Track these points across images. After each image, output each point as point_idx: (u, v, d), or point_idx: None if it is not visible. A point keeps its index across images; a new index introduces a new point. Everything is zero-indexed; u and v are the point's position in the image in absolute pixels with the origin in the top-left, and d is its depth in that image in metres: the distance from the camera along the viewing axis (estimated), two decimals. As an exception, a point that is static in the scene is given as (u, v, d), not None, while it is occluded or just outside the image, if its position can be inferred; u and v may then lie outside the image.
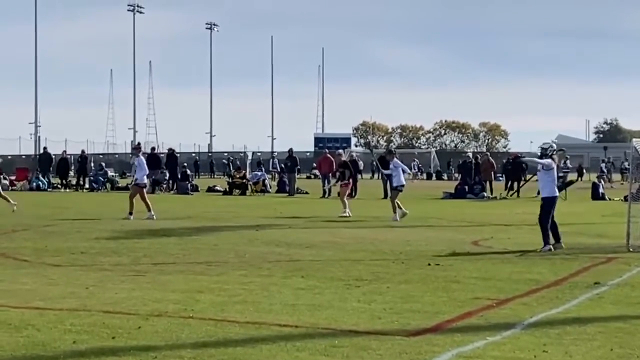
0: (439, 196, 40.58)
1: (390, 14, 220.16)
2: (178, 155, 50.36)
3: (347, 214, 26.32)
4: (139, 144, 29.20)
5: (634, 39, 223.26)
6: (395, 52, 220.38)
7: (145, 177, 26.28)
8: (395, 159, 26.57)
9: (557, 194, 17.96)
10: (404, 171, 26.49)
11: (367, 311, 10.22)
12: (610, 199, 38.75)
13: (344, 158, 31.49)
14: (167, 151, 50.07)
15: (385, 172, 26.42)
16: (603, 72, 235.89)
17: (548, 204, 17.53)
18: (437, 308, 10.46)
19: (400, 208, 25.26)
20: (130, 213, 24.78)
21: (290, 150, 45.58)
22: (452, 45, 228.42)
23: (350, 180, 29.19)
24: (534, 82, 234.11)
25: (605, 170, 65.42)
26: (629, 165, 20.27)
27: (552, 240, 17.16)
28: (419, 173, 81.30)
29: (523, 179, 42.38)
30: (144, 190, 25.85)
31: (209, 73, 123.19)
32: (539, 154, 18.44)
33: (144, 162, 26.43)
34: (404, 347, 8.25)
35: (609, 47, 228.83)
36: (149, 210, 24.93)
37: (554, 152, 18.19)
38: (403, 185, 25.92)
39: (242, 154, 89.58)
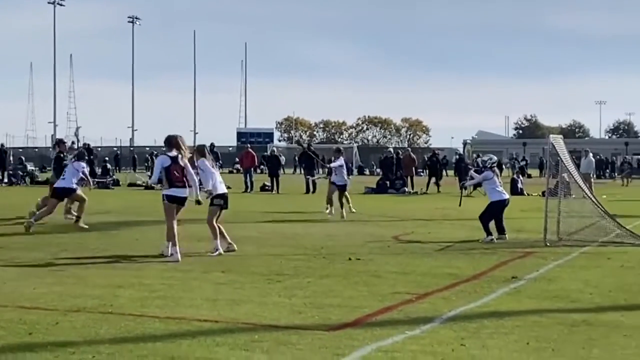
0: (361, 191, 40.69)
1: (314, 11, 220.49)
2: (99, 150, 50.04)
3: (336, 213, 26.30)
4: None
5: (554, 37, 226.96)
6: (318, 48, 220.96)
7: None
8: (341, 157, 25.58)
9: (506, 197, 18.89)
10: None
11: (288, 306, 10.23)
12: (529, 194, 39.30)
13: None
14: (83, 146, 49.98)
15: (333, 165, 25.08)
16: (523, 69, 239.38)
17: (496, 207, 18.50)
18: (358, 302, 10.51)
19: (330, 207, 24.81)
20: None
21: (212, 145, 45.50)
22: (375, 42, 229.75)
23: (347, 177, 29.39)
24: (454, 78, 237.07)
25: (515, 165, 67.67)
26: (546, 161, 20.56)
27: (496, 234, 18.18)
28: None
29: (445, 174, 42.93)
30: None
31: (131, 67, 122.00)
32: (480, 166, 19.48)
33: None
34: (324, 341, 8.28)
35: (530, 44, 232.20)
36: None
37: (494, 164, 19.18)
38: (345, 185, 25.21)
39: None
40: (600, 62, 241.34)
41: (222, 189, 16.31)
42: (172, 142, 15.73)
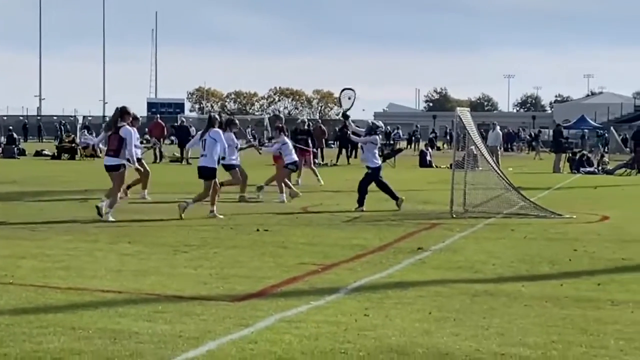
0: (270, 163, 40.58)
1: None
2: (5, 118, 49.34)
3: (320, 182, 27.39)
4: None
5: (465, 12, 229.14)
6: (230, 19, 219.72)
7: None
8: (282, 135, 22.75)
9: (381, 163, 19.82)
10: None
11: (193, 276, 10.19)
12: (437, 167, 39.75)
13: (306, 126, 32.72)
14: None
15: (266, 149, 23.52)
16: (434, 43, 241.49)
17: (376, 174, 19.24)
18: (264, 273, 10.52)
19: (290, 187, 21.76)
20: None
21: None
22: (287, 13, 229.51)
23: (312, 148, 30.25)
24: (366, 50, 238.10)
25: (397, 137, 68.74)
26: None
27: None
28: (253, 140, 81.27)
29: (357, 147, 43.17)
30: None
31: (38, 34, 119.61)
32: (365, 130, 20.48)
33: None
34: (228, 312, 8.27)
35: (441, 18, 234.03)
36: None
37: (378, 130, 19.98)
38: (294, 163, 22.34)
39: (72, 118, 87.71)
40: (509, 36, 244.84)
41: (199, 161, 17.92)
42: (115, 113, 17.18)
